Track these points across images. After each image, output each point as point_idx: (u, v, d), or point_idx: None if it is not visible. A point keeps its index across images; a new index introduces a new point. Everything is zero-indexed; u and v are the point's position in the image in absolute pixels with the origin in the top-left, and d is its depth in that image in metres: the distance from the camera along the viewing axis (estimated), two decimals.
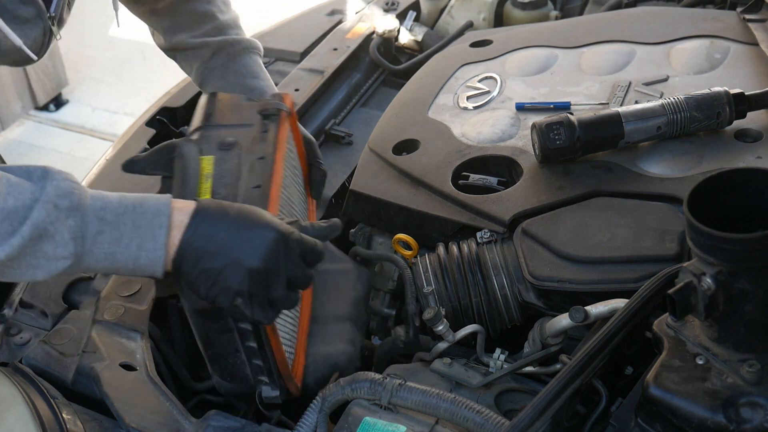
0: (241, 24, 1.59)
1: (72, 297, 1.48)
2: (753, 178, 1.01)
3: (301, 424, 1.22)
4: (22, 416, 1.15)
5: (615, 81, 1.64)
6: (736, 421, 0.97)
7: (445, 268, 1.38)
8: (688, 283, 1.00)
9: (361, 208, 1.58)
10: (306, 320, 1.36)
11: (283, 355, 1.21)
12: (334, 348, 1.35)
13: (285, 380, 1.23)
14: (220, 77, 1.52)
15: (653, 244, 1.27)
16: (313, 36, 2.20)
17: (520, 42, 1.86)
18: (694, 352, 1.05)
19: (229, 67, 1.52)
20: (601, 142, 1.45)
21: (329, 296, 1.42)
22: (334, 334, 1.37)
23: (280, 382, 1.23)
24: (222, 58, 1.53)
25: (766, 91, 1.45)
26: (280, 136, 1.30)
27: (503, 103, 1.68)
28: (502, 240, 1.40)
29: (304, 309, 1.37)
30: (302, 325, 1.34)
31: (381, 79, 2.16)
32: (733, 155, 1.40)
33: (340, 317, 1.40)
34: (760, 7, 1.75)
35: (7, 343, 1.39)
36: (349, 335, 1.38)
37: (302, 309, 1.36)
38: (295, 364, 1.28)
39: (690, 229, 0.97)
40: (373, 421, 1.14)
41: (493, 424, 1.09)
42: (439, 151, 1.58)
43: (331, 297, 1.42)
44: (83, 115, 4.27)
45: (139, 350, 1.36)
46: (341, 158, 1.87)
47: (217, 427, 1.22)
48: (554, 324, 1.23)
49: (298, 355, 1.30)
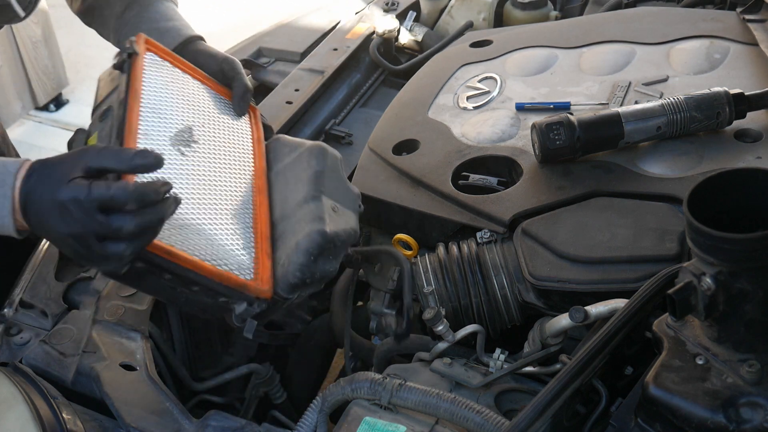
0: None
1: (72, 297, 1.48)
2: (753, 178, 1.01)
3: (300, 423, 1.22)
4: (22, 416, 1.15)
5: (615, 81, 1.64)
6: (736, 421, 0.97)
7: (445, 268, 1.38)
8: (688, 283, 1.00)
9: None
10: (263, 225, 1.29)
11: (211, 270, 1.16)
12: (300, 233, 1.27)
13: (242, 290, 1.19)
14: (133, 29, 1.48)
15: (653, 244, 1.27)
16: (313, 36, 2.20)
17: (520, 42, 1.86)
18: (694, 352, 1.05)
19: (143, 17, 1.50)
20: (601, 142, 1.45)
21: (288, 189, 1.36)
22: (298, 222, 1.30)
23: (245, 294, 1.19)
24: (135, 9, 1.51)
25: (766, 92, 1.45)
26: (132, 79, 1.26)
27: (503, 103, 1.68)
28: (502, 240, 1.40)
29: (258, 216, 1.31)
30: (260, 231, 1.28)
31: (381, 79, 2.16)
32: (733, 155, 1.40)
33: (300, 202, 1.32)
34: (760, 8, 1.75)
35: (7, 343, 1.40)
36: (312, 214, 1.28)
37: (256, 216, 1.30)
38: (258, 269, 1.22)
39: (690, 229, 0.97)
40: (373, 421, 1.14)
41: (493, 424, 1.09)
42: (439, 151, 1.58)
43: (290, 189, 1.36)
44: (83, 115, 4.26)
45: (139, 350, 1.37)
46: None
47: (217, 427, 1.22)
48: (554, 324, 1.23)
49: (261, 261, 1.24)
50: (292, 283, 1.22)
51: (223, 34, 3.46)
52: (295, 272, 1.23)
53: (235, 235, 1.24)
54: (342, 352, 1.65)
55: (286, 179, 1.37)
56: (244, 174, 1.35)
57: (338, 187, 1.37)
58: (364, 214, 1.48)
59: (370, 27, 2.20)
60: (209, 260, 1.17)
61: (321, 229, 1.25)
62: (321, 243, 1.24)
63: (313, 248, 1.24)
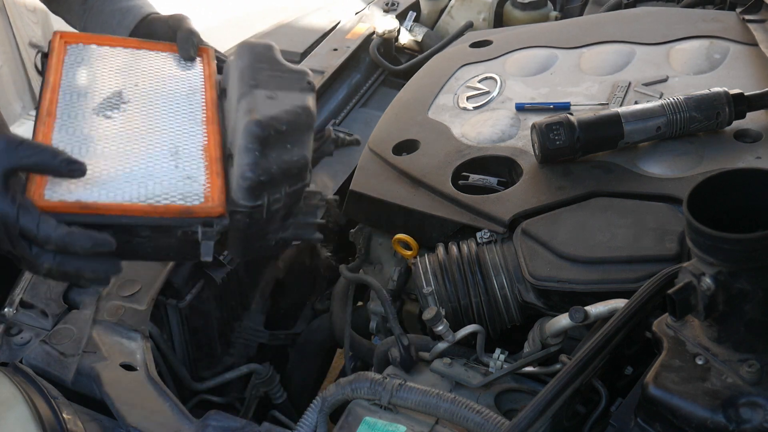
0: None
1: (72, 297, 1.48)
2: (753, 178, 1.01)
3: (300, 424, 1.22)
4: (23, 416, 1.15)
5: (615, 81, 1.64)
6: (736, 421, 0.97)
7: (444, 268, 1.38)
8: (687, 283, 1.00)
9: (361, 208, 1.58)
10: (214, 150, 1.25)
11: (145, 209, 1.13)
12: (238, 135, 1.21)
13: (188, 215, 1.15)
14: (98, 13, 1.49)
15: (653, 244, 1.27)
16: (313, 36, 2.21)
17: (520, 42, 1.86)
18: (693, 352, 1.05)
19: (105, 0, 1.50)
20: (601, 143, 1.45)
21: (231, 105, 1.31)
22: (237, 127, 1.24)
23: (195, 218, 1.15)
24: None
25: (766, 92, 1.45)
26: (47, 75, 1.28)
27: (503, 103, 1.68)
28: (502, 240, 1.40)
29: (209, 144, 1.26)
30: (211, 157, 1.24)
31: (381, 80, 2.16)
32: (733, 155, 1.40)
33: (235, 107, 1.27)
34: (760, 8, 1.75)
35: (7, 343, 1.40)
36: (243, 111, 1.22)
37: (208, 145, 1.26)
38: (208, 191, 1.18)
39: (690, 229, 0.97)
40: (373, 421, 1.14)
41: (493, 424, 1.09)
42: (439, 152, 1.58)
43: (231, 103, 1.30)
44: None
45: (139, 350, 1.37)
46: (341, 158, 1.87)
47: (217, 427, 1.22)
48: (554, 324, 1.23)
49: (212, 182, 1.19)
50: (245, 186, 1.15)
51: (223, 28, 3.45)
52: (244, 174, 1.15)
53: (176, 169, 1.21)
54: (342, 352, 1.65)
55: (229, 97, 1.33)
56: (192, 112, 1.33)
57: (275, 75, 1.28)
58: (365, 213, 1.48)
59: (370, 27, 2.20)
60: (145, 201, 1.14)
61: (250, 119, 1.17)
62: (258, 133, 1.16)
63: (252, 141, 1.16)
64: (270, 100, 1.23)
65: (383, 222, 1.56)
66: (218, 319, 1.65)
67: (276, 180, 1.17)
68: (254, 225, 1.19)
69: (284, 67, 1.31)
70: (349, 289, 1.65)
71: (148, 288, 1.48)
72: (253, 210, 1.17)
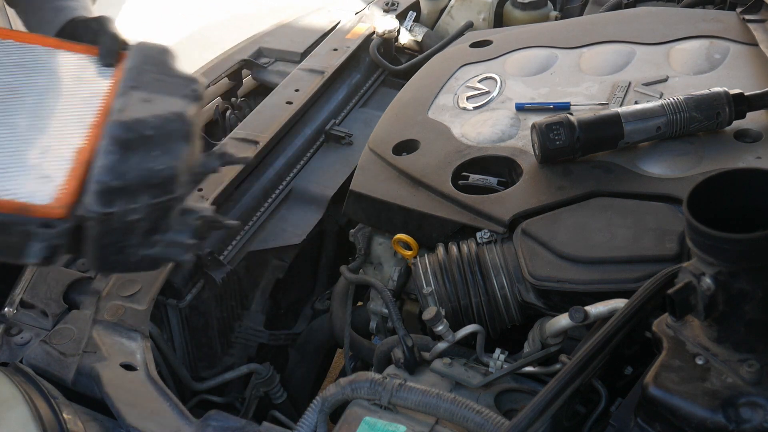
0: None
1: (72, 297, 1.48)
2: (753, 179, 1.01)
3: (300, 424, 1.22)
4: (23, 416, 1.15)
5: (615, 81, 1.64)
6: (736, 421, 0.97)
7: (444, 268, 1.38)
8: (687, 283, 1.00)
9: (361, 208, 1.58)
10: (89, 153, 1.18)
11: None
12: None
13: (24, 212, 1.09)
14: (38, 9, 1.48)
15: (653, 244, 1.27)
16: (313, 36, 2.21)
17: (520, 42, 1.86)
18: (693, 352, 1.05)
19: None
20: (601, 143, 1.45)
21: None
22: None
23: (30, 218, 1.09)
24: None
25: (766, 92, 1.45)
26: None
27: (503, 103, 1.68)
28: (502, 240, 1.40)
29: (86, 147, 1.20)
30: (82, 159, 1.17)
31: (381, 80, 2.16)
32: (733, 155, 1.40)
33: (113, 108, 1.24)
34: (760, 8, 1.75)
35: (7, 343, 1.40)
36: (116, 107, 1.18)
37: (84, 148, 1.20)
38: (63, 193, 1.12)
39: (690, 230, 0.97)
40: (373, 421, 1.14)
41: (493, 424, 1.09)
42: (439, 152, 1.58)
43: None
44: None
45: (139, 350, 1.37)
46: (341, 158, 1.87)
47: (217, 427, 1.22)
48: (554, 324, 1.23)
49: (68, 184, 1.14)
50: (95, 189, 1.09)
51: (223, 28, 3.45)
52: (99, 176, 1.09)
53: (37, 167, 1.15)
54: (342, 352, 1.65)
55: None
56: (82, 116, 1.26)
57: (159, 78, 1.22)
58: (365, 213, 1.48)
59: (370, 27, 2.20)
60: None
61: (114, 120, 1.11)
62: (119, 135, 1.10)
63: (112, 143, 1.09)
64: (144, 103, 1.17)
65: (383, 222, 1.56)
66: (218, 319, 1.65)
67: (132, 188, 1.10)
68: (108, 235, 1.12)
69: (172, 72, 1.25)
70: (349, 289, 1.65)
71: (148, 288, 1.48)
72: (104, 217, 1.10)
